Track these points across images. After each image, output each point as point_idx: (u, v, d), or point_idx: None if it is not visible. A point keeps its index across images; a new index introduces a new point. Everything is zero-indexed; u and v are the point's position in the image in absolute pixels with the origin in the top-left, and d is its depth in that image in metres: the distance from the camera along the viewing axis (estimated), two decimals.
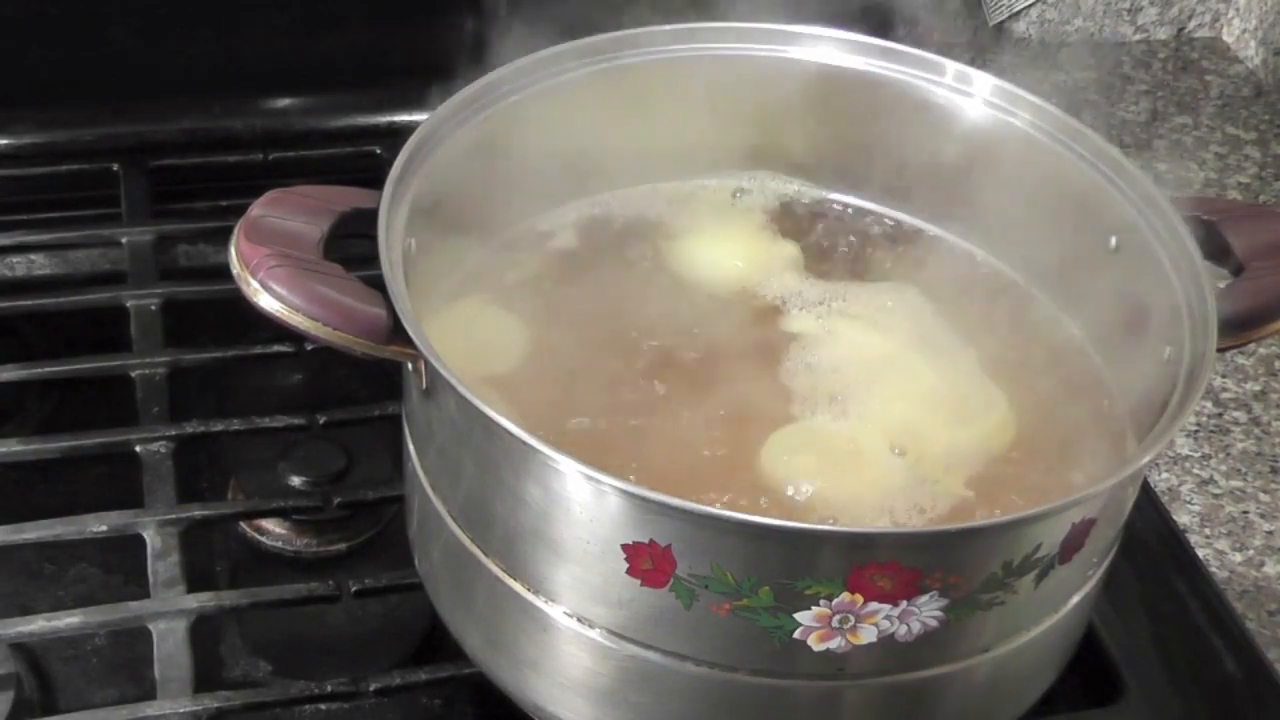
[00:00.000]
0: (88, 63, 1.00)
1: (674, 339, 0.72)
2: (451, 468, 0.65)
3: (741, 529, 0.56)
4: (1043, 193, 0.74)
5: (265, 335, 0.86)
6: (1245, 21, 1.33)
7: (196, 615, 0.74)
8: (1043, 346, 0.74)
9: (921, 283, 0.76)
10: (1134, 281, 0.69)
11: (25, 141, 1.00)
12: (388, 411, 0.82)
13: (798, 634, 0.58)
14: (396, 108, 1.02)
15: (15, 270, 0.97)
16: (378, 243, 0.63)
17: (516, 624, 0.64)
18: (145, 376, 0.86)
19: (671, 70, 0.76)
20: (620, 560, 0.58)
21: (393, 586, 0.76)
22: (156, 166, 1.00)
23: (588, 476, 0.57)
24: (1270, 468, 0.94)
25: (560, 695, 0.65)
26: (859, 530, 0.63)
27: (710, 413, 0.69)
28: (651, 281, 0.76)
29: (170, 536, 0.77)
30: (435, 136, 0.69)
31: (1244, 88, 1.30)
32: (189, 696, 0.70)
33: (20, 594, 0.80)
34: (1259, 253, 0.68)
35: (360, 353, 0.61)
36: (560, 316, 0.73)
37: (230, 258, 0.62)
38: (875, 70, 0.76)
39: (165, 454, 0.81)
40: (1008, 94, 0.75)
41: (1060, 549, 0.59)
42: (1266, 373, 1.02)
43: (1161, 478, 0.93)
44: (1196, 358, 0.63)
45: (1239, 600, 0.86)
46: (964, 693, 0.64)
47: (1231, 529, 0.90)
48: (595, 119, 0.76)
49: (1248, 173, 1.20)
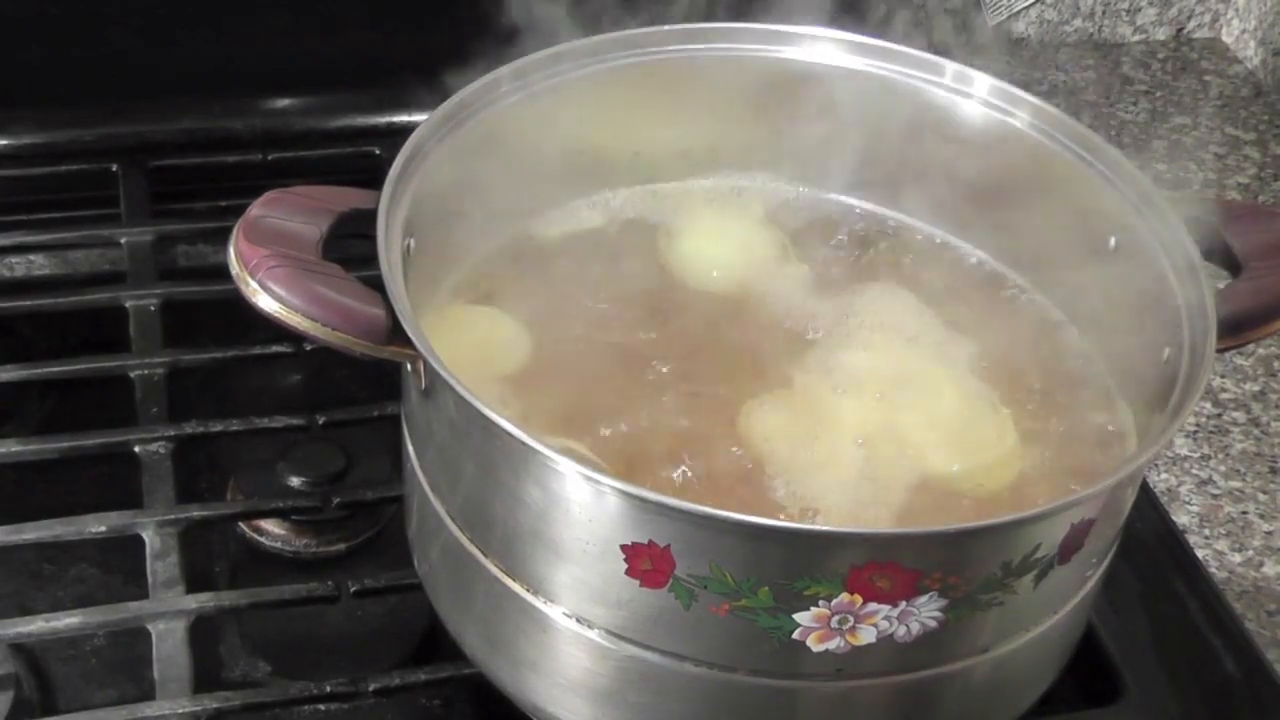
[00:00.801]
0: (88, 63, 1.00)
1: (673, 338, 0.72)
2: (451, 468, 0.65)
3: (740, 529, 0.56)
4: (1042, 193, 0.74)
5: (264, 335, 0.86)
6: (1244, 22, 1.33)
7: (196, 615, 0.74)
8: (1041, 346, 0.74)
9: (920, 283, 0.76)
10: (1133, 281, 0.69)
11: (25, 141, 1.00)
12: (387, 412, 0.82)
13: (797, 634, 0.58)
14: (396, 108, 1.02)
15: (15, 270, 0.97)
16: (377, 243, 0.63)
17: (516, 624, 0.64)
18: (144, 377, 0.86)
19: (671, 70, 0.76)
20: (619, 561, 0.58)
21: (392, 587, 0.76)
22: (156, 167, 1.00)
23: (587, 477, 0.57)
24: (1269, 468, 0.94)
25: (559, 695, 0.65)
26: (858, 531, 0.63)
27: (708, 409, 0.69)
28: (651, 282, 0.76)
29: (169, 537, 0.77)
30: (435, 137, 0.69)
31: (1243, 88, 1.30)
32: (188, 697, 0.70)
33: (20, 594, 0.80)
34: (1258, 253, 0.68)
35: (359, 353, 0.61)
36: (559, 316, 0.73)
37: (229, 258, 0.62)
38: (875, 70, 0.76)
39: (164, 454, 0.81)
40: (1007, 94, 0.75)
41: (1059, 549, 0.59)
42: (1266, 373, 1.02)
43: (1161, 478, 0.93)
44: (1196, 358, 0.63)
45: (1238, 600, 0.86)
46: (963, 693, 0.64)
47: (1231, 529, 0.90)
48: (595, 119, 0.76)
49: (1247, 173, 1.20)
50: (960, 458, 0.67)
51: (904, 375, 0.71)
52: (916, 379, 0.71)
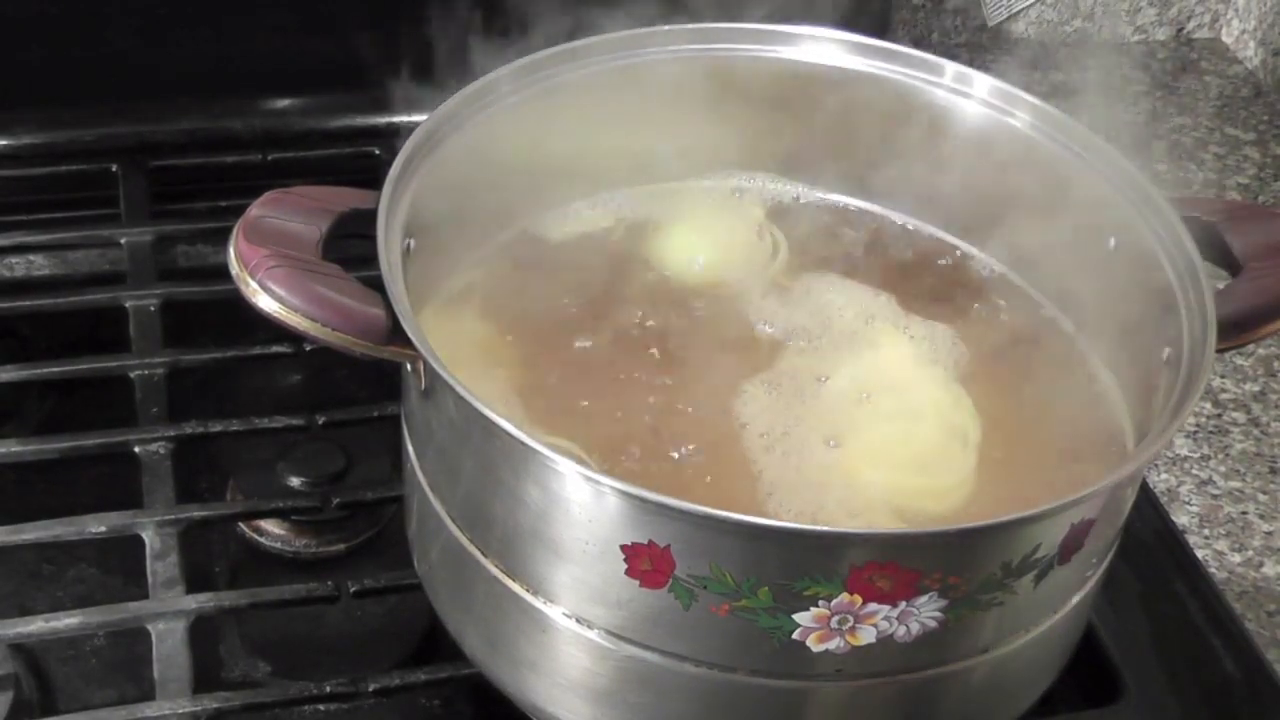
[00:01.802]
0: (88, 63, 1.00)
1: (673, 338, 0.72)
2: (450, 468, 0.65)
3: (740, 529, 0.56)
4: (1042, 193, 0.74)
5: (264, 336, 0.86)
6: (1244, 22, 1.33)
7: (195, 616, 0.74)
8: (1040, 346, 0.74)
9: (919, 282, 0.76)
10: (1133, 282, 0.69)
11: (25, 141, 1.00)
12: (387, 412, 0.82)
13: (797, 635, 0.58)
14: (396, 108, 1.01)
15: (14, 271, 0.97)
16: (376, 243, 0.63)
17: (515, 625, 0.64)
18: (144, 377, 0.86)
19: (671, 70, 0.76)
20: (619, 561, 0.58)
21: (392, 587, 0.76)
22: (156, 167, 1.00)
23: (587, 477, 0.57)
24: (1269, 468, 0.94)
25: (559, 696, 0.65)
26: (858, 531, 0.63)
27: (708, 405, 0.69)
28: (650, 282, 0.76)
29: (169, 537, 0.77)
30: (434, 137, 0.69)
31: (1243, 88, 1.30)
32: (188, 697, 0.70)
33: (19, 594, 0.80)
34: (1258, 253, 0.68)
35: (359, 353, 0.61)
36: (559, 316, 0.73)
37: (229, 258, 0.62)
38: (874, 70, 0.76)
39: (164, 454, 0.81)
40: (1006, 95, 0.75)
41: (1059, 549, 0.59)
42: (1265, 373, 1.02)
43: (1160, 478, 0.93)
44: (1195, 358, 0.63)
45: (1238, 601, 0.86)
46: (963, 693, 0.64)
47: (1230, 529, 0.90)
48: (594, 120, 0.76)
49: (1247, 173, 1.20)
50: (914, 476, 0.67)
51: (891, 380, 0.71)
52: (901, 385, 0.71)
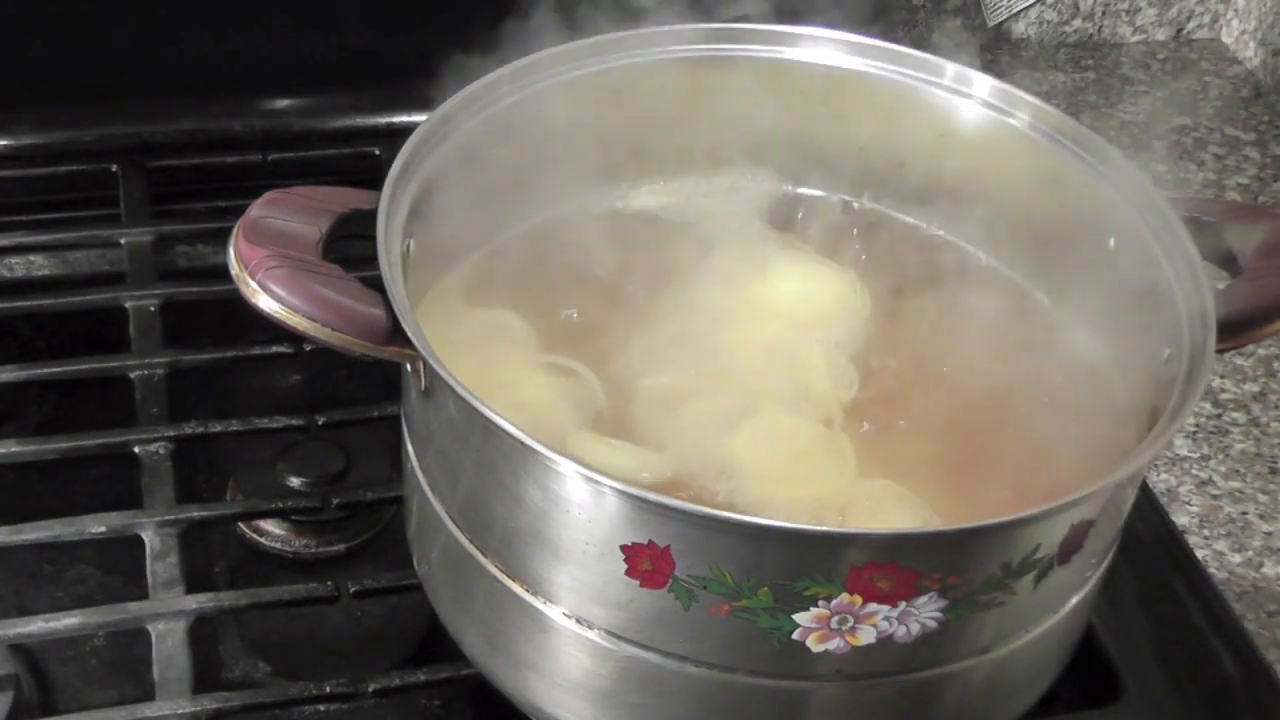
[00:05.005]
0: (88, 63, 1.00)
1: (672, 337, 0.72)
2: (450, 468, 0.65)
3: (740, 529, 0.56)
4: (1042, 193, 0.74)
5: (264, 336, 0.86)
6: (1244, 22, 1.33)
7: (195, 616, 0.74)
8: (1040, 347, 0.74)
9: (918, 282, 0.76)
10: (1133, 282, 0.69)
11: (25, 142, 1.00)
12: (386, 412, 0.82)
13: (796, 635, 0.58)
14: (395, 108, 1.02)
15: (14, 271, 0.97)
16: (376, 243, 0.63)
17: (515, 625, 0.64)
18: (144, 377, 0.86)
19: (671, 70, 0.76)
20: (619, 561, 0.58)
21: (392, 587, 0.76)
22: (155, 167, 1.00)
23: (586, 478, 0.57)
24: (1269, 469, 0.94)
25: (559, 696, 0.65)
26: (858, 531, 0.63)
27: (709, 403, 0.69)
28: (650, 281, 0.76)
29: (169, 537, 0.77)
30: (434, 137, 0.69)
31: (1243, 89, 1.30)
32: (188, 697, 0.70)
33: (19, 595, 0.80)
34: (1258, 253, 0.68)
35: (359, 353, 0.61)
36: (559, 316, 0.73)
37: (229, 258, 0.62)
38: (875, 71, 0.76)
39: (164, 455, 0.81)
40: (1006, 95, 0.75)
41: (1059, 550, 0.59)
42: (1265, 374, 1.01)
43: (1160, 478, 0.93)
44: (1195, 358, 0.63)
45: (1238, 601, 0.86)
46: (963, 694, 0.64)
47: (1230, 530, 0.90)
48: (594, 120, 0.76)
49: (1247, 174, 1.20)
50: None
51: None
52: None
